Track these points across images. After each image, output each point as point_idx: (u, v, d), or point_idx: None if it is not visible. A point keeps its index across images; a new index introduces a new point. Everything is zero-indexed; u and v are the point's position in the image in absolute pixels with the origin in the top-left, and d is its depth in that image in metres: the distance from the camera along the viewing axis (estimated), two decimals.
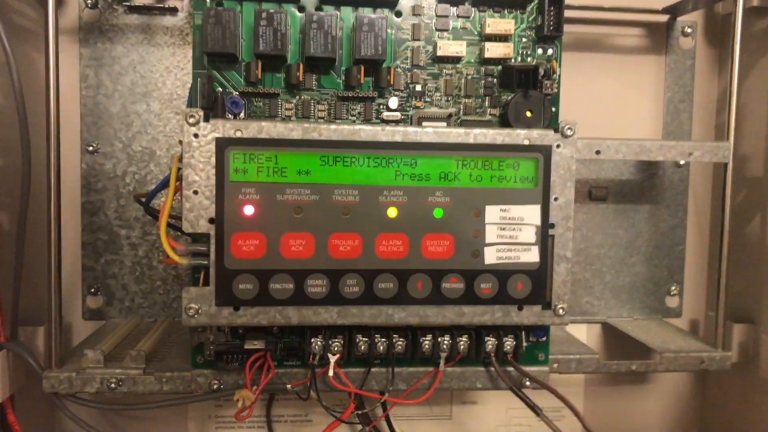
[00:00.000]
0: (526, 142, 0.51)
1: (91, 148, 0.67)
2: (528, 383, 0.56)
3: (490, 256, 0.51)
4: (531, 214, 0.51)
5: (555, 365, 0.61)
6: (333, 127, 0.49)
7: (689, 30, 0.73)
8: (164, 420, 0.70)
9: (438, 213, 0.51)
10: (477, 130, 0.51)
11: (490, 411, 0.74)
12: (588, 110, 0.72)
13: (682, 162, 0.73)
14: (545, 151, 0.51)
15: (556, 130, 0.51)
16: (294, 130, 0.49)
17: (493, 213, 0.51)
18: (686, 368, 0.63)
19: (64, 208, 0.66)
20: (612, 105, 0.73)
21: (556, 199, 0.52)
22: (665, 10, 0.70)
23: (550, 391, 0.54)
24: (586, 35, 0.72)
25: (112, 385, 0.53)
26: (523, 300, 0.52)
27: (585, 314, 0.74)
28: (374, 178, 0.50)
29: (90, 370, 0.53)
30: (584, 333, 0.75)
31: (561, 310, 0.52)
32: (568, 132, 0.51)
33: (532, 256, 0.52)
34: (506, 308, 0.52)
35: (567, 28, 0.70)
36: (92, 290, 0.67)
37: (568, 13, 0.69)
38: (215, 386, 0.53)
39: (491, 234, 0.51)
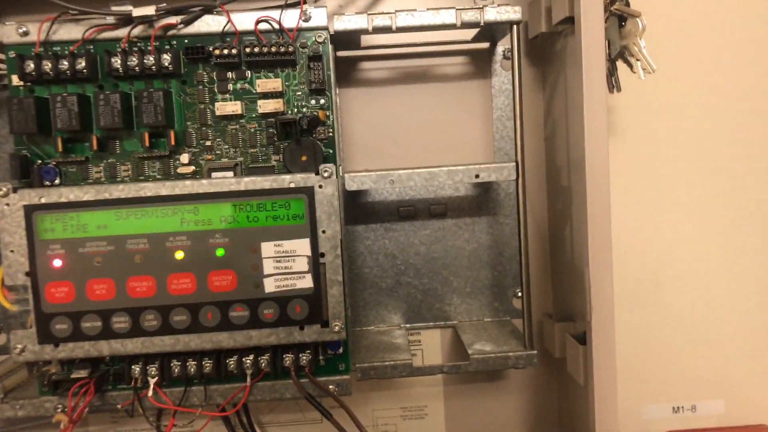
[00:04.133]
0: (292, 185, 0.59)
1: None
2: (331, 387, 0.64)
3: (269, 286, 0.60)
4: (302, 246, 0.60)
5: (372, 372, 0.68)
6: (121, 187, 0.58)
7: (510, 53, 0.78)
8: None
9: (220, 252, 0.59)
10: (247, 179, 0.59)
11: (357, 413, 0.82)
12: (424, 138, 0.80)
13: (511, 178, 0.79)
14: (309, 192, 0.59)
15: (317, 173, 0.59)
16: (87, 193, 0.58)
17: (268, 248, 0.59)
18: (495, 367, 0.69)
19: None
20: (447, 130, 0.80)
21: (324, 231, 0.60)
22: (477, 39, 0.77)
23: (333, 397, 0.62)
24: (413, 68, 0.79)
25: None
26: (302, 321, 0.60)
27: (437, 319, 0.81)
28: (161, 227, 0.59)
29: None
30: (438, 337, 0.82)
31: (336, 327, 0.60)
32: (326, 174, 0.59)
33: (306, 282, 0.60)
34: (289, 329, 0.60)
35: (393, 63, 0.79)
36: None
37: (392, 51, 0.78)
38: (59, 410, 0.63)
39: (268, 266, 0.60)
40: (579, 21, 0.60)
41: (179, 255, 0.59)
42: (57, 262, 0.58)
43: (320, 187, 0.59)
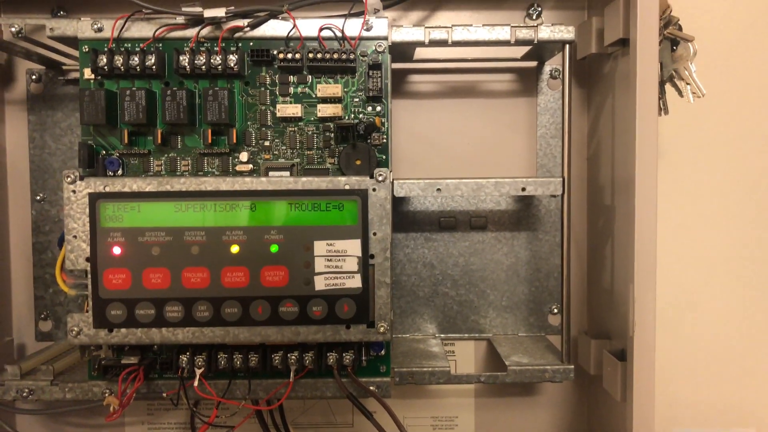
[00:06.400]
0: (347, 187, 0.61)
1: (38, 198, 0.80)
2: (372, 388, 0.65)
3: (320, 284, 0.61)
4: (353, 247, 0.61)
5: (410, 377, 0.69)
6: (182, 180, 0.60)
7: (556, 73, 0.80)
8: (102, 426, 0.82)
9: (274, 248, 0.61)
10: (304, 179, 0.61)
11: (388, 419, 0.83)
12: (468, 152, 0.81)
13: (557, 193, 0.81)
14: (363, 194, 0.61)
15: (372, 176, 0.61)
16: (150, 184, 0.60)
17: (320, 247, 0.61)
18: (532, 379, 0.70)
19: (18, 248, 0.80)
20: (491, 145, 0.81)
21: (375, 233, 0.61)
22: (527, 57, 0.78)
23: (375, 397, 0.63)
24: (461, 83, 0.81)
25: (25, 394, 0.66)
26: (349, 320, 0.61)
27: (472, 331, 0.82)
28: (219, 221, 0.61)
29: (8, 382, 0.66)
30: (472, 349, 0.83)
31: (382, 328, 0.61)
32: (380, 178, 0.61)
33: (355, 282, 0.61)
34: (335, 327, 0.61)
35: (442, 77, 0.81)
36: (43, 316, 0.80)
37: (441, 65, 0.80)
38: (107, 394, 0.65)
39: (320, 265, 0.61)
40: (634, 43, 0.61)
41: (234, 249, 0.61)
42: (116, 250, 0.60)
43: (374, 190, 0.61)
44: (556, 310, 0.81)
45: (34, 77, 0.79)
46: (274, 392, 0.65)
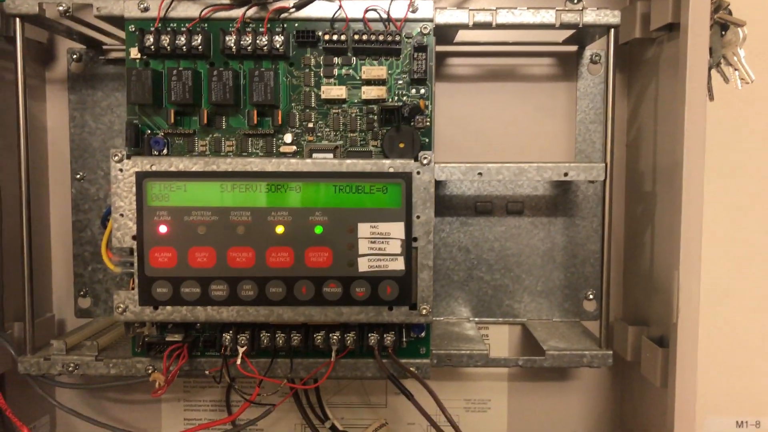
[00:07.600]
0: (391, 170, 0.61)
1: (78, 176, 0.81)
2: (412, 369, 0.65)
3: (363, 265, 0.61)
4: (396, 229, 0.61)
5: (448, 359, 0.70)
6: (228, 160, 0.61)
7: (597, 58, 0.80)
8: (139, 402, 0.83)
9: (318, 229, 0.61)
10: (349, 161, 0.61)
11: (421, 400, 0.83)
12: (506, 136, 0.81)
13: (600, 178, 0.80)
14: (407, 177, 0.61)
15: (416, 159, 0.61)
16: (196, 164, 0.61)
17: (364, 229, 0.61)
18: (570, 364, 0.70)
19: (58, 226, 0.81)
20: (529, 129, 0.81)
21: (418, 217, 0.61)
22: (567, 41, 0.78)
23: (416, 378, 0.64)
24: (499, 66, 0.80)
25: (70, 369, 0.67)
26: (392, 302, 0.62)
27: (506, 316, 0.82)
28: (264, 201, 0.61)
29: (54, 357, 0.67)
30: (506, 333, 0.83)
31: (424, 310, 0.62)
32: (424, 161, 0.61)
33: (399, 264, 0.61)
34: (378, 309, 0.62)
35: (481, 60, 0.80)
36: (82, 293, 0.81)
37: (480, 48, 0.79)
38: (150, 371, 0.66)
39: (363, 246, 0.61)
40: (685, 28, 0.60)
41: (279, 229, 0.61)
42: (162, 228, 0.61)
43: (418, 173, 0.61)
44: (591, 296, 0.81)
45: (75, 56, 0.79)
46: (315, 372, 0.65)
